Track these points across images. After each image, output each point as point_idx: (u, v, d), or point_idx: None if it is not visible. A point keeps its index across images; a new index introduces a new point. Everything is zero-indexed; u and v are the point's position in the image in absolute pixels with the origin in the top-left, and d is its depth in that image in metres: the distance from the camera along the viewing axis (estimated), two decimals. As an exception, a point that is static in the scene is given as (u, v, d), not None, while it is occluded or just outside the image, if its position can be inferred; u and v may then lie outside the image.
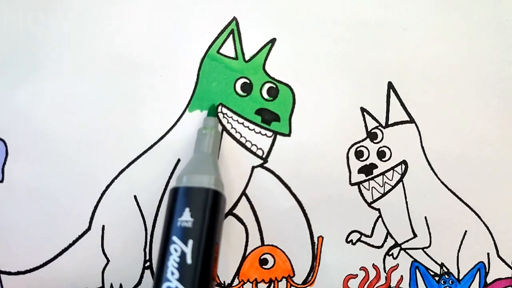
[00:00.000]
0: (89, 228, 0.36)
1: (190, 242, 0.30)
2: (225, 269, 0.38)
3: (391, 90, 0.39)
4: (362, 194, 0.39)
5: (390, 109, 0.39)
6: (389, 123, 0.39)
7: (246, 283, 0.38)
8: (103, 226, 0.36)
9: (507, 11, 0.40)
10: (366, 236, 0.39)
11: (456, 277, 0.40)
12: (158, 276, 0.30)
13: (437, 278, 0.40)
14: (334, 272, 0.39)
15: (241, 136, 0.37)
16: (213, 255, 0.31)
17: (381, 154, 0.39)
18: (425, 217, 0.40)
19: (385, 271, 0.40)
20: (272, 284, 0.38)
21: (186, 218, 0.31)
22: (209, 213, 0.31)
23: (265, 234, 0.38)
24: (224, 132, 0.37)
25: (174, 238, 0.30)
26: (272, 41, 0.38)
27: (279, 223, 0.38)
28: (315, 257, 0.39)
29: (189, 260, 0.30)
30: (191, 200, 0.31)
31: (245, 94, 0.38)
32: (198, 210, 0.31)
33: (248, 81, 0.38)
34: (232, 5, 0.38)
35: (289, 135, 0.38)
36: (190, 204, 0.31)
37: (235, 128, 0.37)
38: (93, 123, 0.36)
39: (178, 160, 0.37)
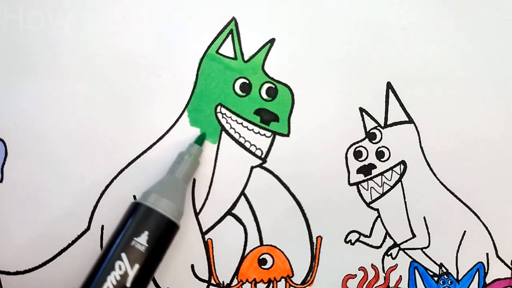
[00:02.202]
0: (88, 228, 0.36)
1: (136, 266, 0.30)
2: (224, 269, 0.38)
3: (390, 90, 0.39)
4: (361, 194, 0.39)
5: (389, 109, 0.39)
6: (388, 123, 0.39)
7: (245, 283, 0.38)
8: (102, 226, 0.36)
9: (507, 11, 0.40)
10: (365, 236, 0.39)
11: (455, 277, 0.40)
12: (89, 283, 0.30)
13: (436, 278, 0.40)
14: (333, 272, 0.39)
15: (240, 136, 0.38)
16: (149, 283, 0.31)
17: (380, 154, 0.39)
18: (424, 217, 0.40)
19: (384, 271, 0.40)
20: (271, 284, 0.38)
21: (142, 241, 0.31)
22: (163, 244, 0.32)
23: (264, 234, 0.38)
24: (223, 132, 0.37)
25: (123, 256, 0.30)
26: (271, 41, 0.38)
27: (278, 223, 0.38)
28: (314, 257, 0.39)
29: (128, 283, 0.30)
30: (152, 225, 0.31)
31: (244, 94, 0.38)
32: (155, 238, 0.31)
33: (247, 81, 0.38)
34: (231, 5, 0.37)
35: (288, 135, 0.38)
36: (150, 228, 0.31)
37: (234, 128, 0.37)
38: (92, 123, 0.36)
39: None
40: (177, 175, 0.34)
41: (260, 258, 0.38)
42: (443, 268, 0.40)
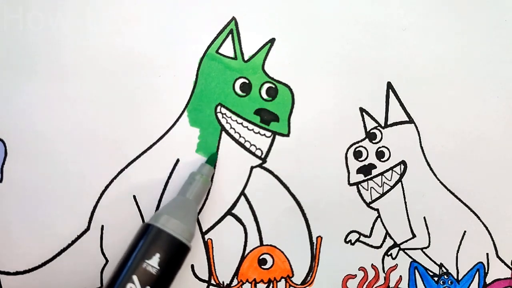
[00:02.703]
0: (88, 228, 0.36)
1: None
2: (224, 269, 0.38)
3: (390, 90, 0.39)
4: (361, 194, 0.39)
5: (389, 109, 0.39)
6: (388, 123, 0.39)
7: (245, 283, 0.38)
8: (102, 226, 0.36)
9: (506, 11, 0.40)
10: (365, 236, 0.39)
11: (455, 277, 0.40)
12: None
13: (436, 279, 0.40)
14: (333, 272, 0.39)
15: (240, 136, 0.37)
16: None
17: (380, 154, 0.39)
18: (424, 217, 0.40)
19: (384, 271, 0.40)
20: (271, 284, 0.38)
21: (153, 263, 0.31)
22: (174, 266, 0.32)
23: (264, 234, 0.38)
24: (223, 132, 0.37)
25: (134, 278, 0.30)
26: (271, 41, 0.38)
27: (278, 223, 0.38)
28: (314, 257, 0.39)
29: None
30: (164, 247, 0.31)
31: (244, 94, 0.38)
32: (166, 261, 0.31)
33: (247, 81, 0.38)
34: (231, 5, 0.37)
35: (288, 135, 0.38)
36: (162, 251, 0.31)
37: (234, 128, 0.37)
38: (92, 123, 0.36)
39: (177, 160, 0.37)
40: (188, 196, 0.34)
41: (260, 258, 0.38)
42: (443, 268, 0.40)
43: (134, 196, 0.37)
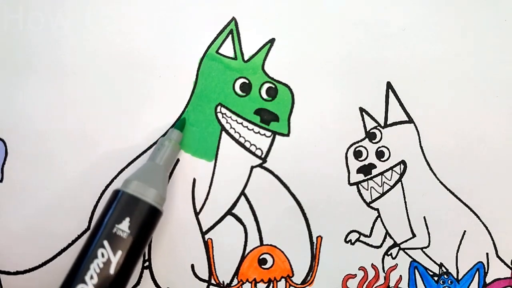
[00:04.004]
0: (88, 228, 0.36)
1: (119, 252, 0.30)
2: (224, 269, 0.38)
3: (390, 90, 0.39)
4: (361, 194, 0.39)
5: (389, 109, 0.39)
6: (388, 123, 0.39)
7: (245, 283, 0.38)
8: (102, 226, 0.36)
9: (506, 11, 0.40)
10: (365, 236, 0.39)
11: (455, 277, 0.40)
12: (74, 273, 0.30)
13: (436, 278, 0.40)
14: (333, 272, 0.39)
15: (240, 136, 0.38)
16: (133, 269, 0.31)
17: (380, 154, 0.39)
18: (424, 217, 0.40)
19: (384, 271, 0.40)
20: (271, 284, 0.38)
21: (123, 227, 0.31)
22: (145, 230, 0.32)
23: (264, 234, 0.38)
24: (223, 132, 0.37)
25: (105, 243, 0.30)
26: (271, 41, 0.38)
27: (278, 223, 0.38)
28: (314, 257, 0.39)
29: (112, 270, 0.30)
30: (134, 211, 0.31)
31: (244, 94, 0.38)
32: (136, 224, 0.31)
33: (247, 81, 0.38)
34: (231, 5, 0.38)
35: (288, 135, 0.38)
36: (131, 215, 0.31)
37: (234, 128, 0.37)
38: (93, 123, 0.36)
39: (177, 160, 0.37)
40: (158, 161, 0.34)
41: (260, 258, 0.38)
42: (443, 268, 0.40)
43: (134, 196, 0.37)
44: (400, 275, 0.40)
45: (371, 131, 0.39)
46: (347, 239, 0.39)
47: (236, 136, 0.38)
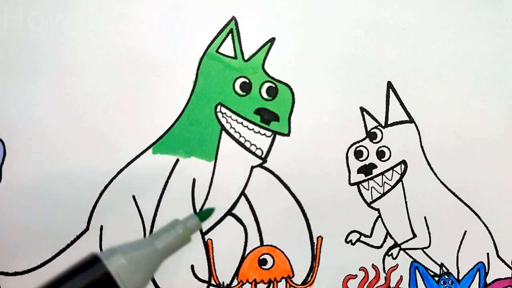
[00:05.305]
0: (87, 229, 0.36)
1: None
2: (224, 270, 0.38)
3: (390, 90, 0.39)
4: (361, 194, 0.39)
5: (390, 109, 0.39)
6: (389, 123, 0.39)
7: (245, 283, 0.38)
8: (101, 227, 0.36)
9: (506, 11, 0.40)
10: (366, 236, 0.39)
11: (456, 277, 0.40)
12: None
13: (436, 278, 0.40)
14: (333, 273, 0.39)
15: (240, 136, 0.37)
16: None
17: (380, 154, 0.39)
18: (425, 217, 0.39)
19: (384, 271, 0.39)
20: (272, 285, 0.38)
21: None
22: None
23: (264, 234, 0.38)
24: (223, 132, 0.37)
25: None
26: (272, 40, 0.38)
27: (279, 223, 0.38)
28: (315, 257, 0.39)
29: None
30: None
31: (244, 93, 0.38)
32: None
33: (247, 81, 0.38)
34: (231, 5, 0.37)
35: (288, 134, 0.38)
36: None
37: (234, 128, 0.37)
38: (92, 123, 0.36)
39: (177, 160, 0.37)
40: (157, 245, 0.27)
41: (261, 258, 0.38)
42: (443, 268, 0.40)
43: (134, 196, 0.36)
44: (401, 276, 0.40)
45: (371, 131, 0.39)
46: (348, 240, 0.39)
47: (236, 136, 0.37)
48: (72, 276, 0.26)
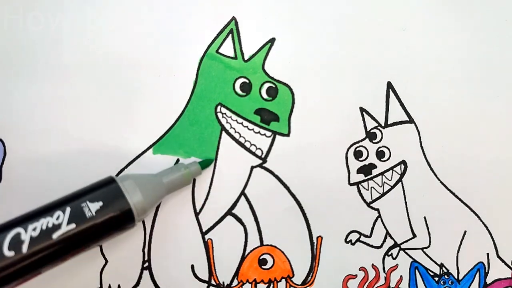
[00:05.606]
0: (87, 228, 0.36)
1: (72, 225, 0.29)
2: (224, 270, 0.38)
3: (390, 90, 0.39)
4: (361, 194, 0.39)
5: (390, 109, 0.39)
6: (389, 123, 0.39)
7: (245, 283, 0.38)
8: (102, 226, 0.36)
9: (506, 11, 0.40)
10: (365, 236, 0.39)
11: (456, 277, 0.40)
12: (28, 215, 0.29)
13: (436, 279, 0.40)
14: (333, 273, 0.39)
15: (240, 136, 0.37)
16: (71, 256, 0.30)
17: (380, 154, 0.39)
18: (425, 217, 0.39)
19: (384, 271, 0.39)
20: (272, 285, 0.38)
21: (92, 208, 0.30)
22: (108, 224, 0.30)
23: (264, 234, 0.38)
24: (223, 132, 0.37)
25: (67, 209, 0.29)
26: (272, 40, 0.38)
27: (278, 223, 0.38)
28: (315, 257, 0.39)
29: (55, 236, 0.28)
30: (110, 201, 0.30)
31: (244, 94, 0.38)
32: (104, 213, 0.30)
33: (247, 81, 0.38)
34: (231, 5, 0.37)
35: (288, 135, 0.38)
36: (106, 202, 0.30)
37: (234, 128, 0.37)
38: (92, 123, 0.36)
39: (177, 160, 0.37)
40: (163, 179, 0.34)
41: (261, 258, 0.38)
42: (443, 268, 0.40)
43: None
44: (401, 276, 0.40)
45: (371, 131, 0.39)
46: (348, 240, 0.39)
47: (236, 136, 0.37)
48: (92, 191, 0.31)
